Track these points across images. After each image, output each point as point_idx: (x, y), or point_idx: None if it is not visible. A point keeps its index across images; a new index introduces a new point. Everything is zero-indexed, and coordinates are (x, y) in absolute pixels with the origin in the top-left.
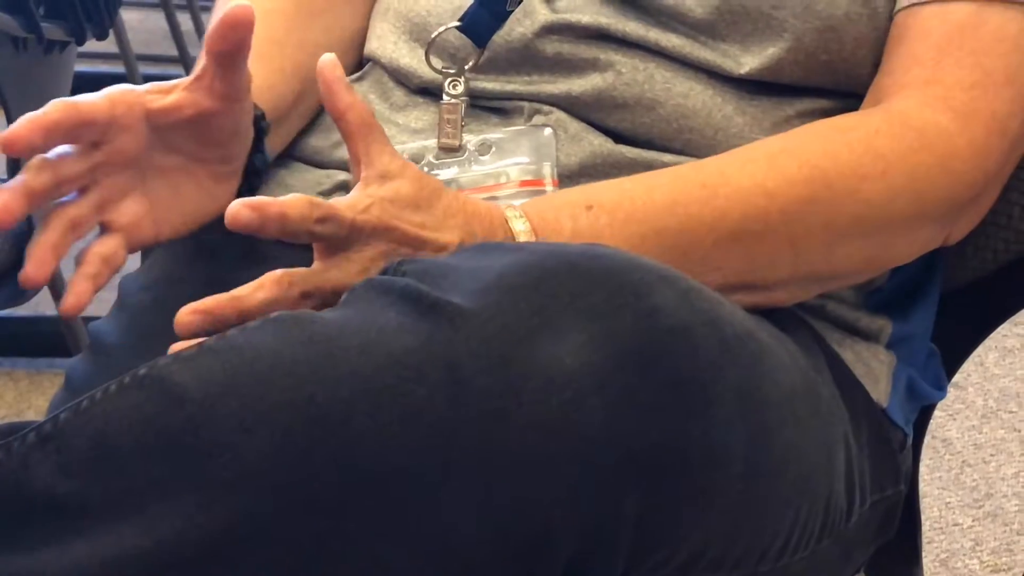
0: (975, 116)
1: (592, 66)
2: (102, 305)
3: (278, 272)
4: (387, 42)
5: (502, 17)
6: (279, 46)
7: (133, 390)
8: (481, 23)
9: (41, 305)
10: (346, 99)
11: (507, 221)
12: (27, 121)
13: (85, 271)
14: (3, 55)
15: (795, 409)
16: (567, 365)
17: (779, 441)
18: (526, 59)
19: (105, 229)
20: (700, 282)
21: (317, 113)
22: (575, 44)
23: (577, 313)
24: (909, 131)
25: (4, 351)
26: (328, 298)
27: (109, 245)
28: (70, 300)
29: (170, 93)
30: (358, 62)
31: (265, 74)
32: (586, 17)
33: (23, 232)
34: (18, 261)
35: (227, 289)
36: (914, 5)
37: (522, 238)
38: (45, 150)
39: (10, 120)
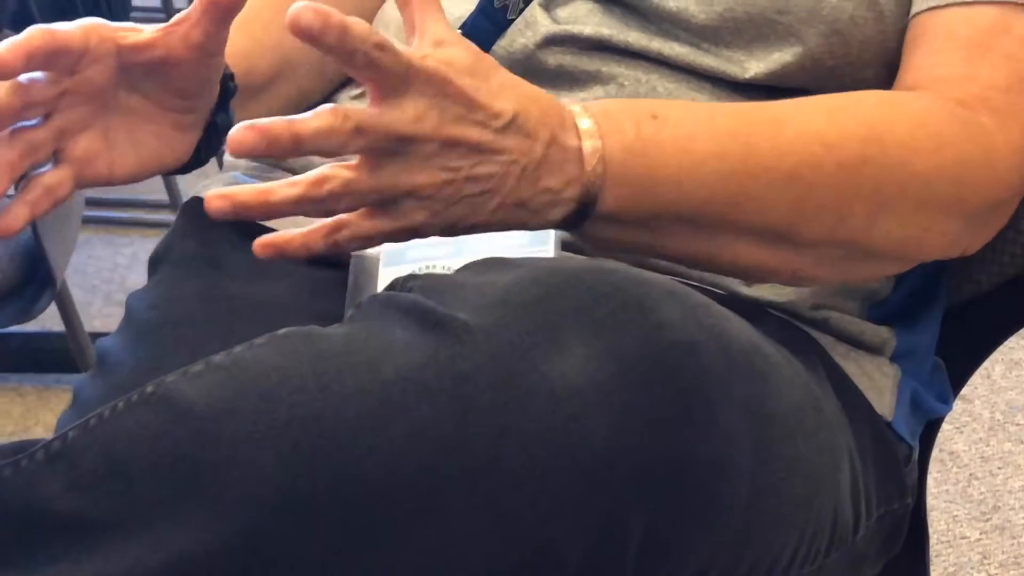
0: (1014, 118)
1: (594, 79)
2: (110, 321)
3: (334, 105)
4: None
5: (503, 26)
6: (263, 23)
7: (141, 407)
8: (481, 32)
9: (48, 321)
10: None
11: (572, 116)
12: (10, 46)
13: (25, 197)
14: None
15: (801, 424)
16: (573, 380)
17: (785, 456)
18: (528, 71)
19: (58, 160)
20: (745, 222)
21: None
22: (577, 56)
23: (583, 328)
24: (956, 119)
25: (11, 367)
26: (380, 142)
27: (56, 176)
28: (4, 221)
29: (143, 33)
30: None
31: (243, 43)
32: (588, 28)
33: (28, 249)
34: (24, 278)
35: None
36: (935, 8)
37: (587, 140)
38: (21, 73)
39: None
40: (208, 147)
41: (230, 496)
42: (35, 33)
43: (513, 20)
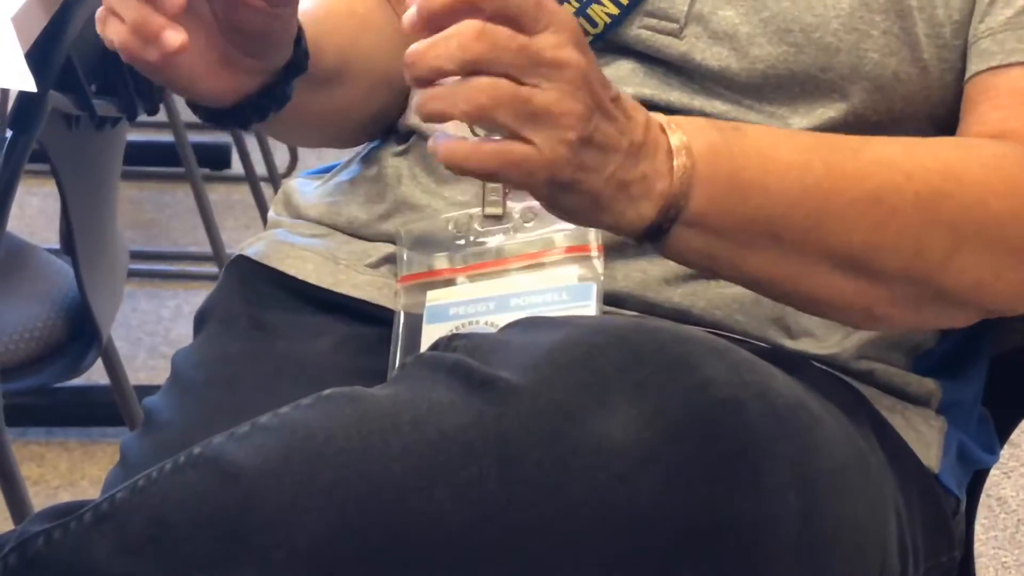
0: None
1: None
2: (154, 374)
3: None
4: None
5: None
6: (331, 25)
7: (188, 469)
8: None
9: (93, 374)
10: None
11: (656, 116)
12: None
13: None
14: (56, 132)
15: (847, 479)
16: (618, 440)
17: (831, 512)
18: None
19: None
20: (827, 242)
21: (359, 182)
22: None
23: (627, 388)
24: None
25: (58, 421)
26: (530, 60)
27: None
28: (171, 39)
29: None
30: (389, 102)
31: (311, 31)
32: (630, 88)
33: (75, 306)
34: (71, 334)
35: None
36: (996, 68)
37: (673, 135)
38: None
39: (62, 195)
40: (256, 109)
41: (276, 558)
42: None
43: None
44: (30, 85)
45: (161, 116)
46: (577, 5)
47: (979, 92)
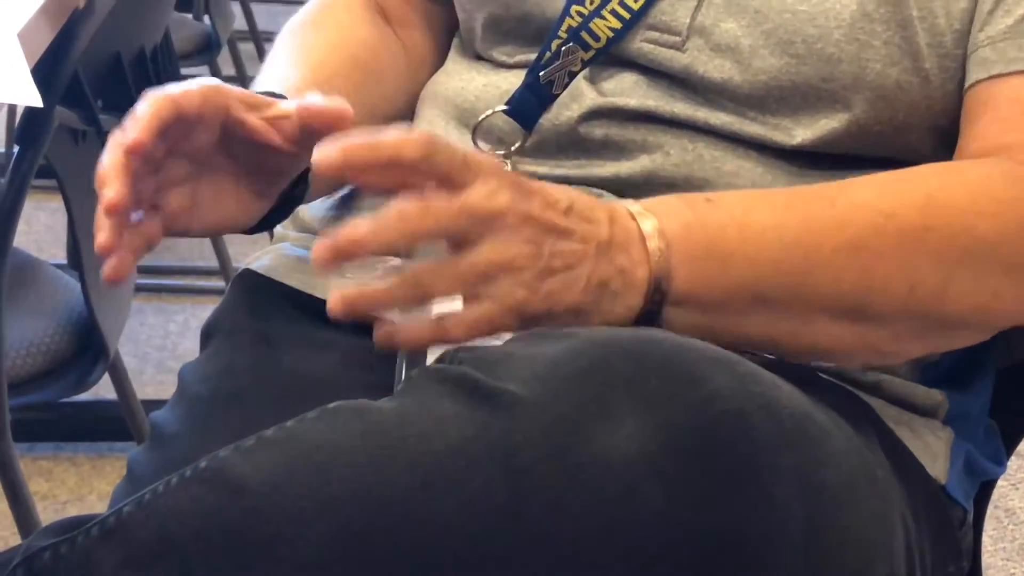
0: None
1: (640, 147)
2: (162, 388)
3: (407, 202)
4: (436, 127)
5: (549, 101)
6: (354, 85)
7: (194, 483)
8: (528, 107)
9: (101, 389)
10: None
11: (624, 205)
12: (143, 126)
13: (130, 245)
14: (63, 147)
15: (853, 491)
16: (624, 453)
17: (838, 524)
18: (574, 142)
19: (149, 210)
20: (817, 296)
21: (364, 195)
22: (623, 126)
23: (633, 400)
24: (1019, 180)
25: (66, 436)
26: (462, 222)
27: (152, 225)
28: (111, 266)
29: (255, 109)
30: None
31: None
32: (633, 100)
33: (82, 321)
34: (78, 349)
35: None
36: (996, 77)
37: (643, 221)
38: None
39: (69, 210)
40: (280, 215)
41: (282, 572)
42: (161, 105)
43: (559, 94)
44: (36, 101)
45: None
46: (580, 20)
47: (979, 103)
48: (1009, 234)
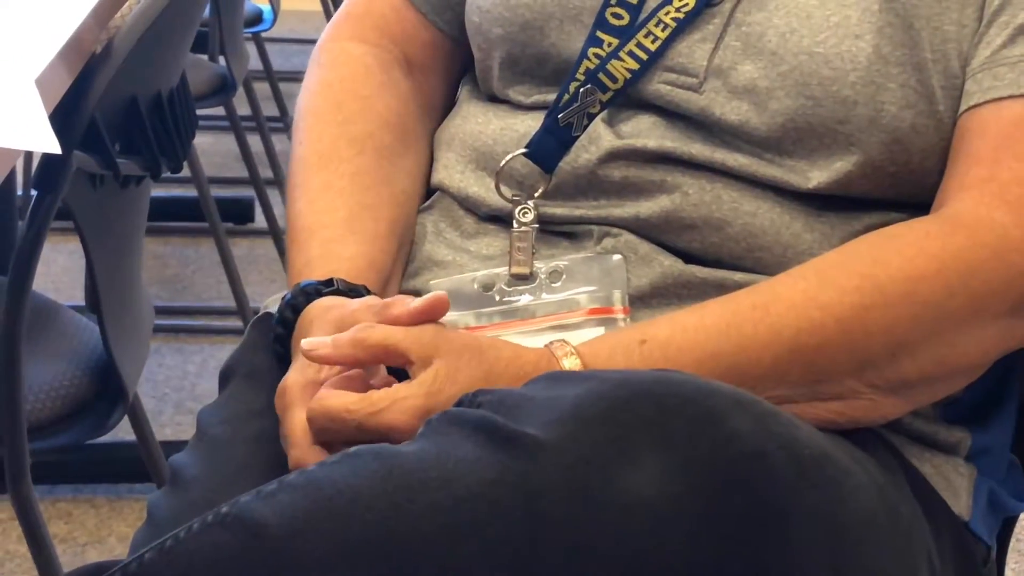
0: None
1: (659, 188)
2: (180, 429)
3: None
4: (454, 171)
5: (568, 143)
6: (371, 210)
7: (216, 528)
8: (548, 150)
9: (119, 431)
10: None
11: (557, 361)
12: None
13: None
14: (81, 191)
15: (876, 530)
16: (645, 495)
17: (860, 564)
18: (593, 184)
19: None
20: (773, 399)
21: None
22: (641, 168)
23: (653, 442)
24: (960, 229)
25: (85, 478)
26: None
27: None
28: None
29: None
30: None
31: (365, 251)
32: (652, 142)
33: (101, 364)
34: (97, 392)
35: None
36: (973, 108)
37: (566, 361)
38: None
39: (87, 253)
40: None
41: None
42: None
43: (578, 136)
44: (54, 147)
45: (184, 171)
46: (597, 62)
47: (960, 135)
48: (952, 288)
